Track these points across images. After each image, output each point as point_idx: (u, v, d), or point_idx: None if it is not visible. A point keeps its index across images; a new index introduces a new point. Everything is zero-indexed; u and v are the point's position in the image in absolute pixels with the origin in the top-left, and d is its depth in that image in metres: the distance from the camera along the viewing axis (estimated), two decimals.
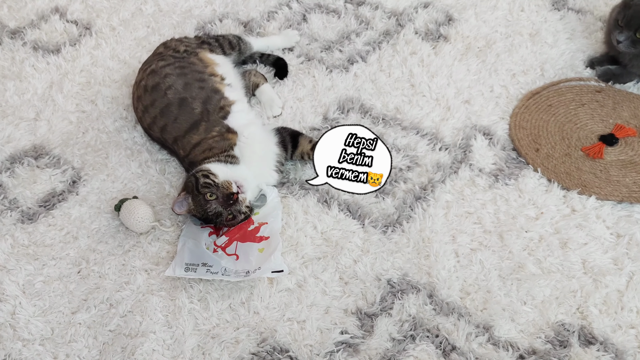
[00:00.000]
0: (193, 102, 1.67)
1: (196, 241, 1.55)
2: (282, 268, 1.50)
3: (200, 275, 1.49)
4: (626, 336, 1.40)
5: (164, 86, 1.69)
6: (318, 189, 1.68)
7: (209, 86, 1.71)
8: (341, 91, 1.93)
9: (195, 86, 1.70)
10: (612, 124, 1.82)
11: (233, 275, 1.48)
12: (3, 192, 1.71)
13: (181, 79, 1.71)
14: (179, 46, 1.84)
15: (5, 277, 1.53)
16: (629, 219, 1.60)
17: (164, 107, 1.68)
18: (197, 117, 1.65)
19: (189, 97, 1.67)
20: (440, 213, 1.63)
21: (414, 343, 1.40)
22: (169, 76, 1.71)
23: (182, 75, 1.72)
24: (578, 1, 2.18)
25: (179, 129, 1.65)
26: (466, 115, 1.85)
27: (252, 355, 1.40)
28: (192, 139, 1.64)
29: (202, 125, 1.64)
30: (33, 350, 1.42)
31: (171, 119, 1.66)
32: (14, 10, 2.24)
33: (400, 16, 2.16)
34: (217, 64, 1.80)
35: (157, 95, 1.69)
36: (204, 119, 1.65)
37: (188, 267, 1.51)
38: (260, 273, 1.48)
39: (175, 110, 1.66)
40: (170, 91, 1.68)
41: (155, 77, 1.72)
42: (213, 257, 1.52)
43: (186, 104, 1.66)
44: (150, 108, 1.70)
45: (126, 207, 1.60)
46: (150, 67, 1.75)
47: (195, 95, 1.68)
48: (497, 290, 1.48)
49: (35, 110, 1.91)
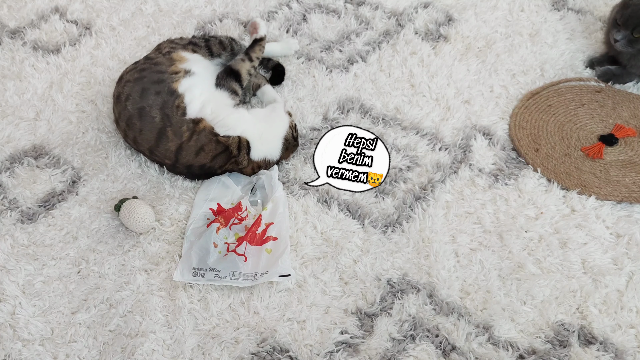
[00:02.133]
0: (151, 110, 1.62)
1: (204, 243, 1.54)
2: (289, 272, 1.50)
3: (208, 281, 1.49)
4: (626, 336, 1.40)
5: (123, 96, 1.66)
6: (318, 189, 1.68)
7: (165, 89, 1.65)
8: (341, 91, 1.93)
9: (152, 91, 1.64)
10: (612, 124, 1.82)
11: (241, 280, 1.48)
12: (3, 192, 1.71)
13: (138, 85, 1.66)
14: (164, 48, 1.81)
15: (5, 277, 1.53)
16: (629, 219, 1.60)
17: (128, 120, 1.65)
18: (160, 125, 1.62)
19: (146, 105, 1.63)
20: (440, 213, 1.63)
21: (414, 343, 1.40)
22: (127, 84, 1.68)
23: (139, 81, 1.67)
24: (578, 1, 2.18)
25: (148, 140, 1.63)
26: (466, 115, 1.85)
27: (252, 355, 1.40)
28: (169, 145, 1.62)
29: (168, 130, 1.61)
30: (33, 351, 1.42)
31: (137, 131, 1.64)
32: (14, 10, 2.24)
33: (400, 16, 2.16)
34: (186, 60, 1.75)
35: (120, 107, 1.67)
36: (167, 124, 1.61)
37: (196, 272, 1.50)
38: (267, 277, 1.47)
39: (138, 123, 1.63)
40: (129, 102, 1.65)
41: (118, 87, 1.70)
42: (221, 261, 1.51)
43: (145, 113, 1.63)
44: (120, 121, 1.68)
45: (126, 207, 1.60)
46: (121, 76, 1.72)
47: (152, 103, 1.63)
48: (497, 290, 1.48)
49: (35, 110, 1.91)
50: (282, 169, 1.73)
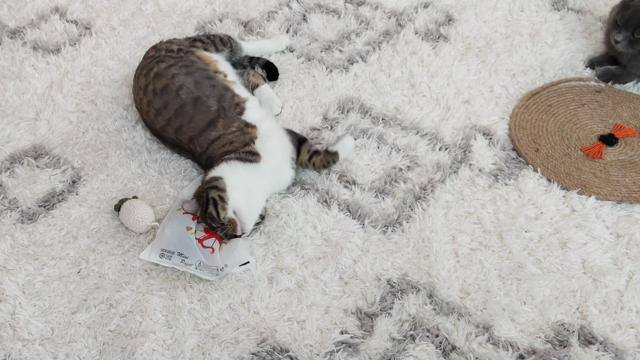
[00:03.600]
0: (208, 100, 1.66)
1: (177, 225, 1.54)
2: (247, 259, 1.50)
3: (174, 264, 1.50)
4: (626, 336, 1.40)
5: (174, 87, 1.68)
6: (318, 189, 1.68)
7: (219, 84, 1.70)
8: (341, 91, 1.93)
9: (206, 84, 1.69)
10: (612, 124, 1.82)
11: (206, 272, 1.49)
12: (3, 192, 1.71)
13: (190, 78, 1.70)
14: (171, 46, 1.83)
15: (5, 277, 1.53)
16: (629, 219, 1.60)
17: (179, 108, 1.66)
18: (214, 115, 1.64)
19: (202, 95, 1.66)
20: (440, 213, 1.63)
21: (414, 343, 1.40)
22: (176, 76, 1.70)
23: (189, 74, 1.71)
24: (578, 1, 2.18)
25: (195, 128, 1.64)
26: (466, 115, 1.86)
27: (252, 355, 1.40)
28: (210, 135, 1.63)
29: (219, 121, 1.63)
30: (33, 351, 1.42)
31: (187, 119, 1.65)
32: (14, 10, 2.24)
33: (400, 16, 2.16)
34: (215, 60, 1.80)
35: (169, 97, 1.68)
36: (221, 116, 1.64)
37: (163, 253, 1.51)
38: (228, 269, 1.48)
39: (191, 110, 1.65)
40: (182, 91, 1.67)
41: (163, 80, 1.70)
42: (191, 248, 1.51)
43: (201, 102, 1.66)
44: (164, 110, 1.68)
45: (126, 207, 1.60)
46: (152, 71, 1.73)
47: (209, 94, 1.67)
48: (497, 290, 1.48)
49: (35, 110, 1.91)
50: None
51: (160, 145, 1.80)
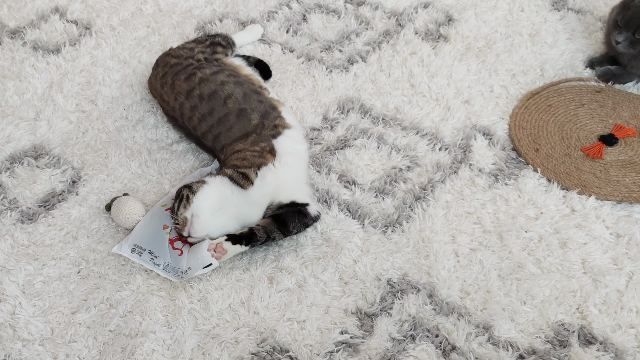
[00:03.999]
0: (252, 113, 1.63)
1: (155, 222, 1.54)
2: (209, 262, 1.47)
3: (143, 262, 1.50)
4: (626, 336, 1.40)
5: (223, 94, 1.66)
6: (318, 189, 1.68)
7: (267, 100, 1.68)
8: (341, 91, 1.93)
9: (254, 98, 1.67)
10: (612, 124, 1.82)
11: (172, 274, 1.49)
12: (3, 192, 1.71)
13: (239, 89, 1.67)
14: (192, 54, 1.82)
15: (5, 277, 1.53)
16: (629, 219, 1.60)
17: (223, 117, 1.64)
18: (251, 129, 1.61)
19: (248, 108, 1.64)
20: (440, 213, 1.63)
21: (414, 343, 1.40)
22: (226, 84, 1.68)
23: (238, 85, 1.69)
24: (578, 1, 2.18)
25: (229, 137, 1.62)
26: (466, 115, 1.86)
27: (252, 355, 1.40)
28: (237, 146, 1.60)
29: (251, 136, 1.60)
30: (33, 351, 1.42)
31: (226, 127, 1.63)
32: (14, 10, 2.24)
33: (400, 16, 2.16)
34: (252, 74, 1.79)
35: (216, 103, 1.66)
36: (256, 132, 1.61)
37: (134, 249, 1.51)
38: (192, 272, 1.48)
39: (233, 120, 1.63)
40: (231, 100, 1.65)
41: (211, 85, 1.68)
42: (162, 248, 1.52)
43: (245, 114, 1.63)
44: (208, 117, 1.65)
45: (115, 204, 1.60)
46: (196, 76, 1.70)
47: (255, 108, 1.64)
48: (497, 290, 1.48)
49: (35, 110, 1.91)
50: None
51: (161, 145, 1.80)
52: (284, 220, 1.52)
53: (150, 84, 1.86)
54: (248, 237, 1.49)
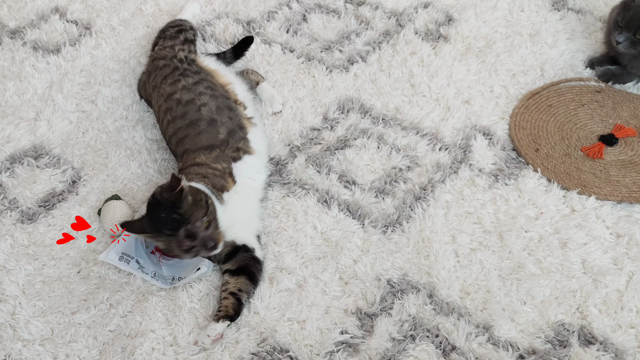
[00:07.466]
0: (221, 127, 1.62)
1: None
2: (199, 266, 1.48)
3: (131, 269, 1.50)
4: (626, 336, 1.40)
5: (199, 102, 1.66)
6: (318, 189, 1.68)
7: (237, 118, 1.67)
8: (341, 91, 1.93)
9: (225, 114, 1.66)
10: (612, 124, 1.82)
11: (161, 281, 1.49)
12: (3, 192, 1.71)
13: (214, 101, 1.68)
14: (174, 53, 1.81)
15: (5, 277, 1.53)
16: (629, 219, 1.60)
17: (194, 120, 1.64)
18: (217, 143, 1.60)
19: (219, 120, 1.64)
20: (440, 213, 1.63)
21: (414, 343, 1.40)
22: (203, 95, 1.68)
23: (214, 98, 1.69)
24: (578, 1, 2.18)
25: (195, 143, 1.61)
26: (466, 115, 1.85)
27: (252, 355, 1.40)
28: (199, 158, 1.58)
29: (216, 151, 1.59)
30: (33, 351, 1.42)
31: (195, 132, 1.62)
32: (14, 10, 2.24)
33: (400, 16, 2.16)
34: (230, 83, 1.78)
35: (190, 109, 1.66)
36: (221, 148, 1.59)
37: (122, 257, 1.50)
38: (185, 280, 1.48)
39: (203, 126, 1.62)
40: (205, 108, 1.65)
41: (190, 94, 1.69)
42: (147, 257, 1.52)
43: (214, 125, 1.62)
44: (179, 119, 1.66)
45: (103, 209, 1.61)
46: (180, 83, 1.71)
47: (224, 122, 1.64)
48: (497, 290, 1.48)
49: (35, 110, 1.91)
50: (284, 170, 1.73)
51: (161, 145, 1.80)
52: (252, 273, 1.49)
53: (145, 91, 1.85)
54: (238, 308, 1.45)
